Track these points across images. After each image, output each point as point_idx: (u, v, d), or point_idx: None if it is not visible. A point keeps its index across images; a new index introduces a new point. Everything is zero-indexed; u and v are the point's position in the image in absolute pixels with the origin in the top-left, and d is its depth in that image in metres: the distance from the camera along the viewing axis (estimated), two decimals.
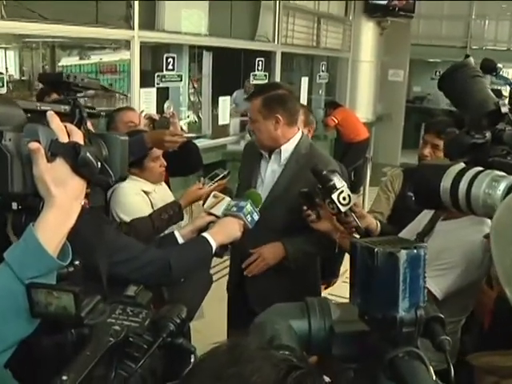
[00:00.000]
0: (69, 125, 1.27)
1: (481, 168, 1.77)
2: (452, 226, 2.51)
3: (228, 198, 2.81)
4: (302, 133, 3.21)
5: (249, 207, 2.71)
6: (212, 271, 2.75)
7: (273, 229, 3.06)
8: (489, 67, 2.76)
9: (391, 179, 3.62)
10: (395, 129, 12.73)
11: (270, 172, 3.18)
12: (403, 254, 0.98)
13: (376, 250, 0.99)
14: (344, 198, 2.70)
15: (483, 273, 2.29)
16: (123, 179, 1.39)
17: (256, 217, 2.74)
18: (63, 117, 1.30)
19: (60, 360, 1.10)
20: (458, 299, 2.47)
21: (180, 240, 2.66)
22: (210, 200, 2.84)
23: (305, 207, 2.88)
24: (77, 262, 1.30)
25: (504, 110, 1.99)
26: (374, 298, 1.01)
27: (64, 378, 0.96)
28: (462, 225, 2.41)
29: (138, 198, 3.11)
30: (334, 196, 2.70)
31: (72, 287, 1.15)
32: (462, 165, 1.82)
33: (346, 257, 2.91)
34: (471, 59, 2.20)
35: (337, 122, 10.09)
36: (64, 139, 1.23)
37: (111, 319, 1.14)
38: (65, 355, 1.12)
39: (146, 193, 3.20)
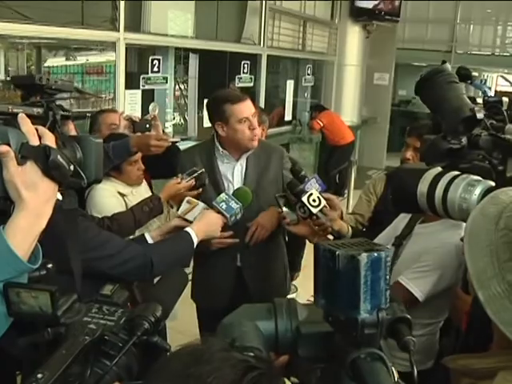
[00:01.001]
0: (40, 128, 1.26)
1: (457, 172, 1.79)
2: (430, 228, 2.54)
3: (201, 204, 2.84)
4: None
5: (238, 211, 2.81)
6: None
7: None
8: (464, 75, 2.80)
9: (374, 182, 3.66)
10: (380, 132, 12.76)
11: (236, 173, 3.24)
12: (364, 257, 0.99)
13: (337, 252, 1.00)
14: (314, 200, 2.75)
15: (460, 276, 2.32)
16: (98, 181, 1.39)
17: (239, 216, 2.84)
18: (36, 119, 1.30)
19: (36, 359, 1.12)
20: (437, 301, 2.50)
21: (150, 241, 2.68)
22: (184, 206, 2.86)
23: (279, 210, 2.92)
24: (49, 265, 1.30)
25: (479, 115, 2.02)
26: (336, 299, 1.03)
27: (39, 375, 0.98)
28: (440, 228, 2.45)
29: (112, 200, 3.12)
30: (304, 198, 2.75)
31: (49, 287, 1.16)
32: (438, 169, 1.85)
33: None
34: (448, 65, 2.23)
35: (322, 125, 10.12)
36: (35, 142, 1.22)
37: (87, 318, 1.16)
38: (41, 354, 1.14)
39: (122, 195, 3.20)
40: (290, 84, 10.17)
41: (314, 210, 2.75)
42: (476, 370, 1.32)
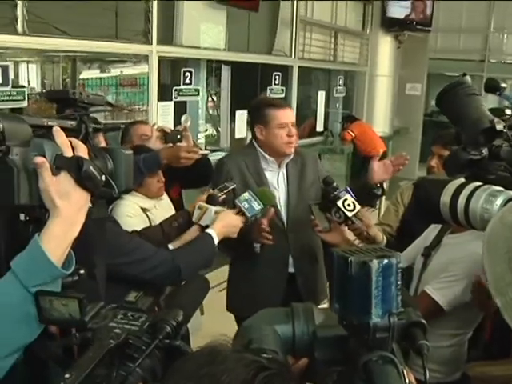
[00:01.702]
0: (74, 140, 1.32)
1: (479, 183, 1.81)
2: (458, 239, 2.54)
3: (212, 208, 2.87)
4: None
5: (259, 212, 2.89)
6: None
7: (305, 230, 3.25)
8: (493, 87, 2.81)
9: (401, 191, 3.68)
10: (413, 142, 12.63)
11: (281, 180, 3.36)
12: (375, 263, 1.02)
13: (350, 258, 1.03)
14: (349, 205, 2.84)
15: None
16: (128, 191, 1.45)
17: (258, 216, 2.93)
18: (69, 132, 1.35)
19: (66, 362, 1.17)
20: (464, 312, 2.50)
21: None
22: (196, 212, 2.90)
23: (312, 217, 2.96)
24: (82, 271, 1.35)
25: (499, 127, 2.03)
26: (349, 304, 1.05)
27: (67, 376, 1.03)
28: (468, 238, 2.44)
29: (134, 220, 3.10)
30: (340, 203, 2.83)
31: (77, 294, 1.21)
32: (461, 180, 1.86)
33: None
34: (468, 78, 2.26)
35: (354, 135, 10.08)
36: (68, 153, 1.28)
37: (113, 323, 1.20)
38: (70, 357, 1.19)
39: (145, 210, 3.20)
40: (322, 95, 10.15)
41: (350, 214, 2.83)
42: (495, 377, 1.34)
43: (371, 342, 1.05)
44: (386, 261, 1.03)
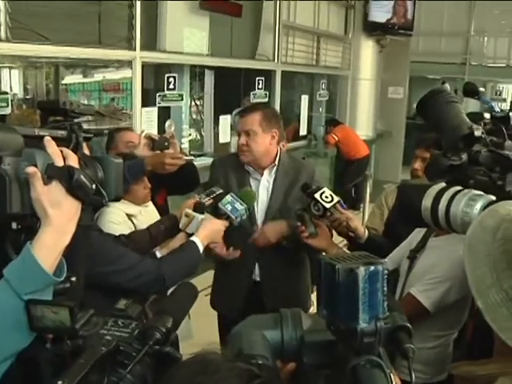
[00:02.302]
0: (65, 149, 1.33)
1: (459, 188, 1.84)
2: (442, 242, 2.57)
3: (198, 216, 2.88)
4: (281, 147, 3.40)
5: (243, 211, 2.90)
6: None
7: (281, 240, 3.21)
8: (472, 91, 2.85)
9: (385, 194, 3.72)
10: (396, 146, 12.70)
11: (262, 188, 3.31)
12: (362, 271, 1.04)
13: (337, 266, 1.05)
14: (327, 197, 2.87)
15: None
16: (117, 199, 1.46)
17: (244, 217, 2.94)
18: (60, 141, 1.36)
19: (58, 368, 1.18)
20: (449, 313, 2.53)
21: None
22: (183, 219, 2.92)
23: (299, 223, 2.98)
24: (73, 279, 1.37)
25: (477, 133, 2.08)
26: (337, 310, 1.07)
27: (59, 382, 1.04)
28: (452, 241, 2.46)
29: (119, 227, 3.09)
30: (317, 195, 2.87)
31: (68, 302, 1.23)
32: (442, 185, 1.89)
33: None
34: (447, 85, 2.30)
35: (337, 139, 10.13)
36: (59, 163, 1.29)
37: (103, 330, 1.22)
38: (63, 364, 1.20)
39: (130, 216, 3.19)
40: (305, 99, 10.20)
41: (328, 206, 2.86)
42: (478, 377, 1.37)
43: (359, 346, 1.07)
44: (372, 268, 1.06)
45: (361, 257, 1.10)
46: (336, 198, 2.89)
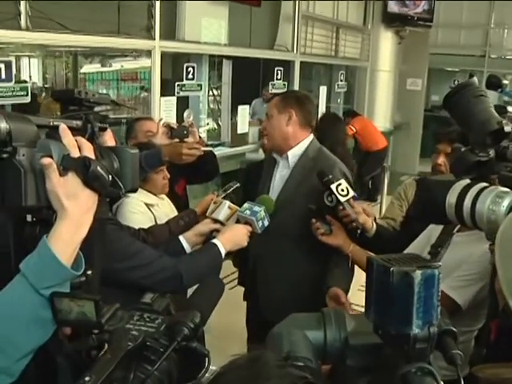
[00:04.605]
0: (80, 139, 1.30)
1: (485, 184, 1.80)
2: (470, 237, 2.51)
3: (226, 202, 2.86)
4: (313, 138, 3.25)
5: (262, 213, 2.78)
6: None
7: (283, 234, 3.10)
8: (494, 83, 2.80)
9: (405, 188, 3.67)
10: (413, 138, 12.66)
11: (278, 177, 3.24)
12: (418, 274, 1.01)
13: (392, 269, 1.01)
14: (342, 190, 2.79)
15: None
16: (134, 191, 1.43)
17: (266, 223, 2.81)
18: (75, 131, 1.34)
19: (82, 364, 1.16)
20: (476, 309, 2.49)
21: (185, 244, 2.72)
22: (211, 207, 2.90)
23: (313, 220, 2.93)
24: (89, 272, 1.34)
25: (507, 129, 2.03)
26: (388, 314, 1.04)
27: (87, 378, 1.01)
28: (478, 237, 2.43)
29: (140, 217, 3.08)
30: (333, 186, 2.79)
31: (93, 295, 1.20)
32: (467, 181, 1.86)
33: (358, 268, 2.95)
34: (475, 79, 2.24)
35: (355, 130, 10.07)
36: (75, 154, 1.26)
37: (129, 325, 1.18)
38: (88, 359, 1.18)
39: (149, 205, 3.18)
40: (323, 90, 10.14)
41: (342, 199, 2.79)
42: (505, 380, 1.33)
43: (411, 352, 1.03)
44: (428, 271, 1.02)
45: (414, 259, 1.06)
46: (351, 193, 2.82)
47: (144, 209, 3.14)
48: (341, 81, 10.73)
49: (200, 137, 3.73)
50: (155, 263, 2.40)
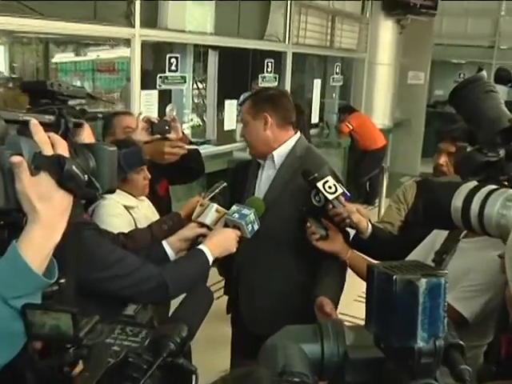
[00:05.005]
0: (53, 135, 1.29)
1: (494, 186, 1.80)
2: (476, 244, 2.51)
3: (214, 205, 2.87)
4: (300, 136, 3.24)
5: (252, 216, 2.79)
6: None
7: (269, 238, 3.08)
8: (504, 77, 2.79)
9: (404, 190, 3.68)
10: (415, 136, 12.67)
11: (265, 177, 3.23)
12: (423, 283, 1.01)
13: (394, 277, 1.01)
14: (330, 187, 2.79)
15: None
16: (112, 192, 1.42)
17: (256, 227, 2.82)
18: (47, 127, 1.32)
19: (54, 381, 1.15)
20: (484, 322, 2.50)
21: (169, 250, 2.73)
22: (197, 209, 2.91)
23: (308, 224, 2.93)
24: (63, 280, 1.33)
25: None
26: (390, 326, 1.04)
27: None
28: (487, 244, 2.43)
29: (118, 220, 3.07)
30: (319, 184, 2.79)
31: (70, 308, 1.19)
32: (474, 183, 1.85)
33: (354, 276, 2.95)
34: (484, 73, 2.25)
35: (351, 128, 10.12)
36: (48, 152, 1.25)
37: (110, 339, 1.18)
38: (63, 376, 1.17)
39: (129, 208, 3.16)
40: (317, 84, 10.17)
41: (330, 197, 2.79)
42: None
43: (415, 367, 1.03)
44: (434, 280, 1.02)
45: (419, 266, 1.06)
46: (340, 190, 2.82)
47: (123, 211, 3.13)
48: (336, 74, 10.77)
49: (183, 133, 3.72)
50: (139, 272, 2.41)
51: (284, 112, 3.17)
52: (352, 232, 3.01)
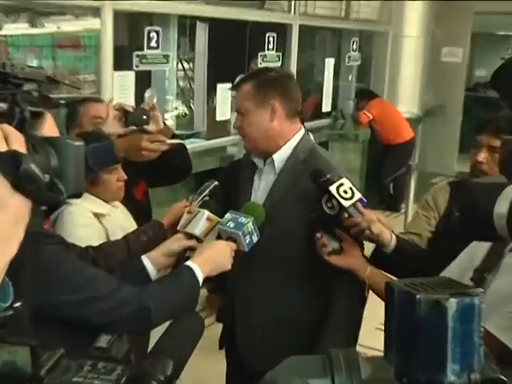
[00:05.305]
0: (6, 127, 1.28)
1: None
2: None
3: (205, 212, 2.87)
4: (305, 133, 3.24)
5: (250, 226, 2.79)
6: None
7: (270, 256, 3.10)
8: None
9: (434, 194, 3.62)
10: (450, 126, 12.67)
11: (263, 185, 3.22)
12: (452, 303, 1.01)
13: (418, 296, 1.02)
14: (345, 192, 2.76)
15: None
16: (79, 196, 1.42)
17: (255, 238, 2.82)
18: None
19: None
20: None
21: (150, 267, 2.72)
22: (185, 217, 2.91)
23: (318, 235, 2.91)
24: (18, 304, 1.33)
25: None
26: (415, 357, 1.04)
27: None
28: None
29: (87, 230, 3.08)
30: (333, 188, 2.76)
31: (28, 339, 1.20)
32: None
33: (375, 299, 2.95)
34: None
35: (371, 117, 10.12)
36: (1, 147, 1.25)
37: (78, 378, 1.19)
38: None
39: (99, 215, 3.17)
40: (330, 63, 10.18)
41: (346, 204, 2.76)
42: None
43: None
44: (466, 300, 1.02)
45: (447, 283, 1.06)
46: (358, 195, 2.79)
47: (92, 220, 3.15)
48: (353, 51, 10.77)
49: (165, 124, 3.73)
50: (114, 295, 2.41)
51: (294, 99, 3.17)
52: (369, 244, 3.01)
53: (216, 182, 3.14)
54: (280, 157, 3.15)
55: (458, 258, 2.74)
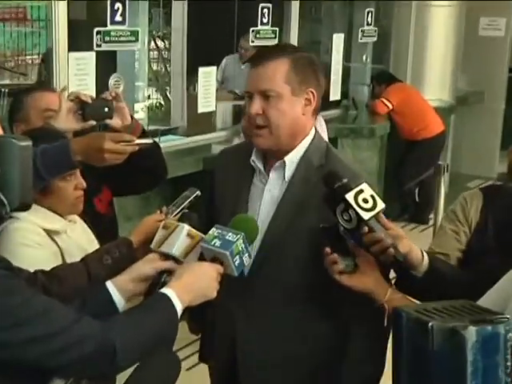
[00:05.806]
0: None
1: None
2: None
3: (184, 226, 2.82)
4: (316, 131, 3.22)
5: (240, 244, 2.73)
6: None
7: (278, 288, 3.10)
8: None
9: (464, 203, 3.56)
10: (490, 117, 12.62)
11: (268, 199, 3.17)
12: (472, 332, 1.01)
13: (431, 324, 1.03)
14: (365, 201, 2.72)
15: None
16: (26, 208, 1.42)
17: (247, 259, 2.77)
18: None
19: None
20: None
21: (115, 296, 2.69)
22: (159, 233, 2.86)
23: (328, 250, 2.89)
24: None
25: None
26: None
27: None
28: None
29: (36, 251, 3.06)
30: (350, 196, 2.71)
31: None
32: None
33: None
34: None
35: (391, 107, 10.11)
36: None
37: None
38: None
39: (52, 233, 3.16)
40: (339, 40, 10.14)
41: (366, 216, 2.70)
42: None
43: None
44: (488, 329, 1.03)
45: (466, 309, 1.07)
46: (380, 204, 2.74)
47: (43, 239, 3.14)
48: (368, 24, 10.72)
49: (133, 118, 3.74)
50: (72, 330, 2.39)
51: (323, 90, 3.18)
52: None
53: (198, 192, 3.13)
54: (292, 160, 3.12)
55: (499, 282, 2.72)
